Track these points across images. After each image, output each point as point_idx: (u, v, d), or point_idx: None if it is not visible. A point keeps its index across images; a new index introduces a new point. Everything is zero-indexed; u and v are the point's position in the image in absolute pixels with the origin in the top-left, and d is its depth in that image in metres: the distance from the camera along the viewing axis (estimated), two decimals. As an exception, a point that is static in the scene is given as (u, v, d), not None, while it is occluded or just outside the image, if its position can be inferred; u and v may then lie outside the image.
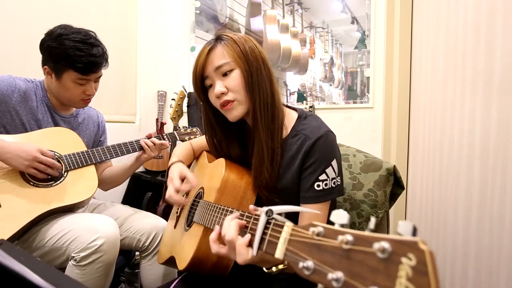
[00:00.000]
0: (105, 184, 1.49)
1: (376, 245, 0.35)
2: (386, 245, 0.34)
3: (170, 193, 0.93)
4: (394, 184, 1.10)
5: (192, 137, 1.51)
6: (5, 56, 1.76)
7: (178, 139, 1.49)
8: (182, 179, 0.96)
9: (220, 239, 0.68)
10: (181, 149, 1.15)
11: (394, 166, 1.09)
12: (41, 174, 1.15)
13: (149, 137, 1.40)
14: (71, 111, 1.42)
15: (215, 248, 0.68)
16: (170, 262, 1.04)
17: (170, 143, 1.46)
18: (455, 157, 1.30)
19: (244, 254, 0.60)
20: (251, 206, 0.65)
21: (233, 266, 0.87)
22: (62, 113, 1.37)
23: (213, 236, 0.69)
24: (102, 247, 1.10)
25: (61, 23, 1.31)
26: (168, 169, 1.04)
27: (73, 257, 1.10)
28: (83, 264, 1.09)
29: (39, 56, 1.29)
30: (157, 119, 2.50)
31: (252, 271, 0.92)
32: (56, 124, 1.35)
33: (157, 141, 1.38)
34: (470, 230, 1.23)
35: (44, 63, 1.29)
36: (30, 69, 1.62)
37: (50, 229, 1.16)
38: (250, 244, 0.60)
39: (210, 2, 2.58)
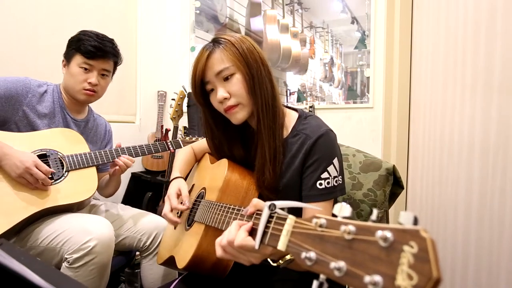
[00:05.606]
0: (103, 189, 1.49)
1: (378, 234, 0.35)
2: (388, 234, 0.35)
3: (165, 211, 0.96)
4: (394, 184, 1.10)
5: None
6: (5, 56, 1.76)
7: (182, 147, 1.50)
8: (180, 196, 0.99)
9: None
10: (182, 157, 1.15)
11: (394, 166, 1.09)
12: (31, 186, 1.14)
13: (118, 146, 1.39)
14: (83, 115, 1.43)
15: (220, 252, 0.64)
16: (170, 262, 1.03)
17: (174, 150, 1.48)
18: (455, 156, 1.30)
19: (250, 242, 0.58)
20: (243, 210, 0.65)
21: (232, 267, 0.87)
22: (74, 116, 1.38)
23: (219, 240, 0.65)
24: (95, 248, 1.07)
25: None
26: (170, 183, 1.05)
27: (66, 258, 1.08)
28: (76, 266, 1.07)
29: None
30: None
31: (252, 272, 0.92)
32: (67, 126, 1.35)
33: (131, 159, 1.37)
34: (470, 229, 1.23)
35: (63, 56, 1.36)
36: (30, 69, 1.62)
37: (45, 228, 1.14)
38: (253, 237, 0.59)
39: (210, 2, 2.58)
